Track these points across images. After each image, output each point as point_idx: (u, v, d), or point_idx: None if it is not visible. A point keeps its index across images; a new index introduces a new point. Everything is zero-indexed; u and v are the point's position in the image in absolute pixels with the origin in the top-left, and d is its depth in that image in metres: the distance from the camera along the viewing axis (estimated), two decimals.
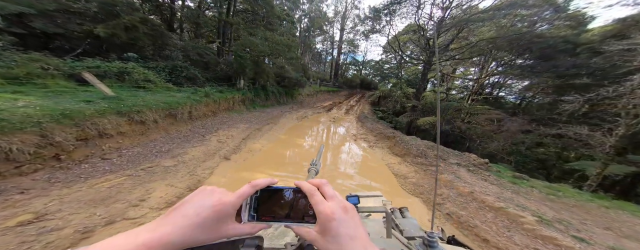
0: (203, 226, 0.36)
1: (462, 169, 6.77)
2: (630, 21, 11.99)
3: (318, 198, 0.40)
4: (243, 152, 7.97)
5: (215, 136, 8.39)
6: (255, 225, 0.41)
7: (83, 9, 9.44)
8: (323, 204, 0.38)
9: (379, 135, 12.74)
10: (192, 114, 8.57)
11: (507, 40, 13.63)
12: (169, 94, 8.38)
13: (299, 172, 7.11)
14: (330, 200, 0.40)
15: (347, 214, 0.38)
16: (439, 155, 7.83)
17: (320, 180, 0.44)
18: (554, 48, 12.73)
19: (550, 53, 12.81)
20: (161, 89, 8.84)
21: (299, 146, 10.16)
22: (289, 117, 15.71)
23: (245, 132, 9.92)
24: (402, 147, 9.39)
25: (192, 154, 6.47)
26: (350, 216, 0.38)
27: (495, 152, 9.74)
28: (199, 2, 18.52)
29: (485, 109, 12.73)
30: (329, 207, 0.38)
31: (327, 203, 0.39)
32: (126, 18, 9.14)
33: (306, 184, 0.43)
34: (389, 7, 17.06)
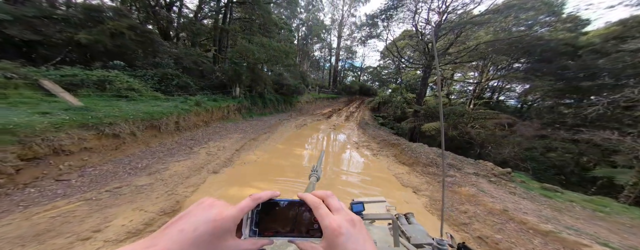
0: (200, 242, 0.33)
1: (482, 179, 5.85)
2: (632, 22, 11.50)
3: (323, 211, 0.37)
4: (235, 165, 7.06)
5: (205, 148, 7.49)
6: (257, 241, 0.38)
7: (66, 16, 8.81)
8: (329, 218, 0.36)
9: (383, 142, 11.84)
10: (180, 125, 7.70)
11: (507, 43, 13.10)
12: (154, 103, 7.56)
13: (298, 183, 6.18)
14: (336, 213, 0.37)
15: (354, 228, 0.35)
16: (452, 163, 6.93)
17: (325, 192, 0.41)
18: (554, 51, 12.20)
19: (551, 56, 12.27)
20: (147, 98, 8.02)
21: (298, 156, 9.23)
22: (287, 125, 14.86)
23: (239, 142, 9.03)
24: (409, 156, 8.48)
25: (175, 169, 5.56)
26: (358, 230, 0.36)
27: (508, 159, 8.85)
28: (195, 11, 18.19)
29: (494, 114, 11.97)
30: (336, 221, 0.35)
31: (334, 216, 0.36)
32: (110, 24, 8.47)
33: (310, 196, 0.40)
34: (385, 12, 16.70)
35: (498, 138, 9.24)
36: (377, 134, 14.08)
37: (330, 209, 0.38)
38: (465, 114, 13.42)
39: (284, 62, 15.70)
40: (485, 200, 4.68)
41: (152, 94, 8.43)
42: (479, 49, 13.51)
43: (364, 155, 9.99)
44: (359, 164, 8.95)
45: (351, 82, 37.05)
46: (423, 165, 7.32)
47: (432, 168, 6.93)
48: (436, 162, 7.16)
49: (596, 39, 12.52)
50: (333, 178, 7.08)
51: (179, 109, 7.73)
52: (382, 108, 24.85)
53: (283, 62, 15.37)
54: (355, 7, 31.52)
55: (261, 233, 0.39)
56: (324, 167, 8.91)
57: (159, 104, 7.49)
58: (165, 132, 6.95)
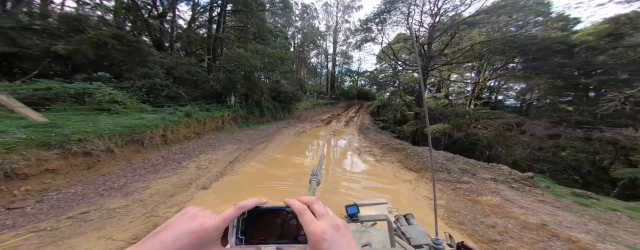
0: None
1: (502, 186, 5.19)
2: (624, 19, 11.28)
3: (308, 217, 0.36)
4: (228, 178, 6.37)
5: (195, 162, 6.80)
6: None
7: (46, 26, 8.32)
8: (313, 224, 0.35)
9: (385, 147, 11.18)
10: (167, 138, 7.04)
11: (501, 43, 12.79)
12: (139, 116, 6.92)
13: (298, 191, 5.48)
14: (320, 218, 0.37)
15: (338, 233, 0.35)
16: (465, 168, 6.28)
17: (310, 197, 0.40)
18: (549, 49, 11.90)
19: (546, 54, 11.96)
20: (132, 111, 7.40)
21: (297, 165, 8.52)
22: (285, 133, 14.21)
23: (234, 154, 8.35)
24: (415, 161, 7.81)
25: (157, 187, 4.86)
26: (342, 234, 0.35)
27: (519, 160, 8.20)
28: (189, 21, 17.91)
29: (500, 113, 11.44)
30: (319, 226, 0.35)
31: (318, 222, 0.36)
32: (91, 33, 7.96)
33: (296, 202, 0.39)
34: (379, 16, 16.49)
35: (507, 138, 8.61)
36: (379, 138, 13.44)
37: (315, 215, 0.37)
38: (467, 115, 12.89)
39: (280, 68, 15.26)
40: (515, 212, 4.00)
41: (138, 106, 7.80)
42: (475, 49, 13.17)
43: (366, 161, 9.31)
44: (362, 172, 8.25)
45: (349, 86, 36.77)
46: None
47: (443, 174, 6.26)
48: (447, 168, 6.50)
49: (589, 36, 12.29)
50: (334, 188, 6.39)
51: (166, 121, 7.09)
52: (382, 112, 24.33)
53: (279, 68, 14.92)
54: (348, 13, 31.80)
55: (248, 241, 0.38)
56: (325, 175, 8.16)
57: (144, 117, 6.85)
58: (150, 146, 6.28)
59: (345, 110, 27.54)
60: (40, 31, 7.96)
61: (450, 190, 5.46)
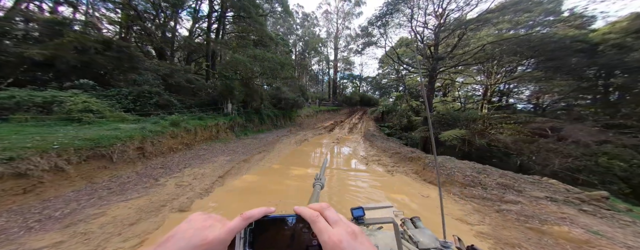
0: None
1: (568, 208, 3.91)
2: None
3: (321, 225, 0.34)
4: (214, 196, 5.27)
5: (176, 178, 5.71)
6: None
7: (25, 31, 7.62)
8: (328, 232, 0.33)
9: (396, 156, 9.94)
10: (146, 151, 6.01)
11: (515, 42, 11.72)
12: (114, 126, 5.95)
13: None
14: (335, 225, 0.34)
15: (356, 240, 0.32)
16: (505, 183, 5.01)
17: (322, 204, 0.38)
18: (569, 48, 10.76)
19: (565, 54, 10.81)
20: (109, 121, 6.44)
21: (298, 177, 7.33)
22: (286, 141, 13.11)
23: (225, 166, 7.25)
24: (435, 173, 6.56)
25: (116, 213, 3.75)
26: (360, 242, 0.32)
27: (557, 170, 6.88)
28: (190, 29, 17.50)
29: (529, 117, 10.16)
30: (335, 234, 0.32)
31: (333, 230, 0.33)
32: (71, 36, 7.19)
33: (307, 210, 0.36)
34: (380, 18, 15.74)
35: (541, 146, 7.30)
36: (387, 146, 12.20)
37: (328, 222, 0.35)
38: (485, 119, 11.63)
39: (280, 74, 14.42)
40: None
41: (118, 115, 6.86)
42: (486, 50, 12.12)
43: (375, 172, 8.06)
44: (372, 187, 6.99)
45: (351, 93, 35.86)
46: (461, 186, 5.39)
47: (477, 190, 4.99)
48: (481, 182, 5.24)
49: (612, 34, 11.17)
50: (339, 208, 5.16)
51: (146, 131, 6.09)
52: (387, 117, 23.16)
53: (279, 74, 14.08)
54: (349, 19, 31.49)
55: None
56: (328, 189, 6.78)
57: (120, 127, 5.87)
58: (122, 161, 5.24)
59: (348, 117, 26.44)
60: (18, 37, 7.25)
61: (494, 213, 4.18)
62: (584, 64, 9.98)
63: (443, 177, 6.03)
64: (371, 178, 7.44)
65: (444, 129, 11.17)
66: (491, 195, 4.64)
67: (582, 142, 6.84)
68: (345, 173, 7.84)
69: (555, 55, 10.98)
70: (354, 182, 7.16)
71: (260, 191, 6.09)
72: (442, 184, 5.89)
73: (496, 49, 11.90)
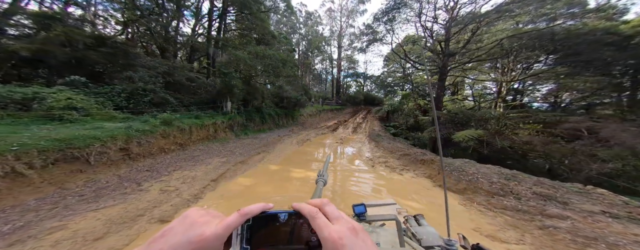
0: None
1: (637, 228, 3.10)
2: None
3: (321, 221, 0.33)
4: (203, 203, 4.70)
5: (163, 182, 5.12)
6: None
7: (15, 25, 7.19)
8: (328, 228, 0.31)
9: (404, 157, 9.15)
10: (132, 152, 5.45)
11: (536, 35, 10.68)
12: (97, 124, 5.41)
13: None
14: (335, 222, 0.33)
15: (357, 237, 0.31)
16: (544, 193, 4.20)
17: (322, 199, 0.37)
18: (598, 42, 9.66)
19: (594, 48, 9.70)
20: (94, 119, 5.92)
21: (298, 180, 6.66)
22: (287, 141, 12.48)
23: (220, 169, 6.65)
24: (456, 178, 5.77)
25: (81, 225, 3.17)
26: (361, 239, 0.31)
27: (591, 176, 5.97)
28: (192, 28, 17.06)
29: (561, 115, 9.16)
30: (336, 231, 0.31)
31: (333, 226, 0.32)
32: (58, 30, 6.70)
33: (306, 205, 0.35)
34: (387, 13, 14.89)
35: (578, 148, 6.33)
36: (394, 146, 11.41)
37: (328, 218, 0.34)
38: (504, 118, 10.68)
39: (282, 72, 13.80)
40: None
41: (105, 113, 6.32)
42: (503, 45, 11.14)
43: (382, 177, 7.31)
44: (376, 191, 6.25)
45: (355, 92, 34.98)
46: (487, 195, 4.60)
47: (509, 200, 4.19)
48: (512, 190, 4.43)
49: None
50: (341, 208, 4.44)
51: (132, 130, 5.52)
52: (392, 117, 22.27)
53: (281, 71, 13.45)
54: (353, 17, 30.63)
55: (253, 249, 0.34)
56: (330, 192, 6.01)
57: (103, 126, 5.32)
58: (101, 164, 4.67)
59: (352, 116, 25.64)
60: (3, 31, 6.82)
61: (536, 230, 3.38)
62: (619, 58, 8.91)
63: (464, 183, 5.25)
64: (378, 183, 6.70)
65: (458, 129, 10.29)
66: (528, 207, 3.84)
67: (627, 144, 5.90)
68: (348, 179, 7.11)
69: (581, 50, 9.94)
70: (357, 187, 6.43)
71: (256, 196, 5.47)
72: (463, 191, 5.11)
73: (514, 44, 10.91)
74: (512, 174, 5.20)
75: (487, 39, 12.99)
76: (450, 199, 5.34)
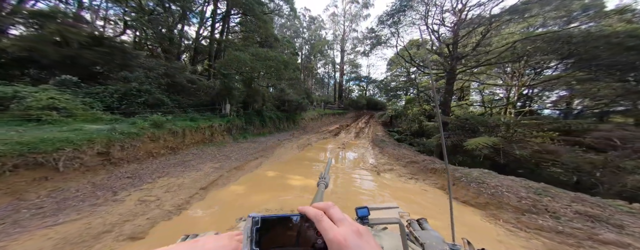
0: None
1: None
2: None
3: (326, 224, 0.33)
4: (187, 215, 4.11)
5: (144, 190, 4.53)
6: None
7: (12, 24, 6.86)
8: (333, 230, 0.32)
9: (412, 166, 8.43)
10: (113, 156, 4.90)
11: (551, 38, 10.01)
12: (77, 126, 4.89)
13: None
14: (340, 224, 0.33)
15: (361, 239, 0.31)
16: (590, 213, 3.46)
17: (327, 203, 0.37)
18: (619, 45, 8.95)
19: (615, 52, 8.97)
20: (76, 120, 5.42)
21: (296, 189, 6.00)
22: (287, 146, 11.87)
23: (211, 175, 6.05)
24: (475, 191, 5.05)
25: (20, 248, 2.58)
26: (365, 240, 0.32)
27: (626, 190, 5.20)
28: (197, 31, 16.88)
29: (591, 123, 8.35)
30: (340, 233, 0.31)
31: (338, 229, 0.32)
32: (51, 28, 6.32)
33: (311, 209, 0.36)
34: (392, 16, 14.42)
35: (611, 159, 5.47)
36: (400, 153, 10.70)
37: (333, 221, 0.34)
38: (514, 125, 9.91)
39: (283, 74, 13.33)
40: None
41: (90, 114, 5.82)
42: (516, 48, 10.48)
43: (388, 186, 6.59)
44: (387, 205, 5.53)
45: (358, 96, 34.41)
46: (516, 211, 3.89)
47: (544, 219, 3.46)
48: (548, 208, 3.70)
49: None
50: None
51: (116, 133, 4.99)
52: (396, 122, 21.55)
53: (282, 74, 12.98)
54: (356, 22, 30.37)
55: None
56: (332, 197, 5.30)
57: (83, 128, 4.79)
58: (73, 170, 4.12)
59: (354, 121, 24.97)
60: None
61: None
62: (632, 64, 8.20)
63: (486, 196, 4.53)
64: (382, 193, 5.98)
65: (468, 135, 9.54)
66: (572, 229, 3.12)
67: None
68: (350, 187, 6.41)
69: (599, 54, 9.21)
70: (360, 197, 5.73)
71: (249, 206, 4.83)
72: (485, 206, 4.38)
73: (528, 47, 10.24)
74: (542, 187, 4.46)
75: (497, 42, 12.35)
76: (471, 214, 4.62)
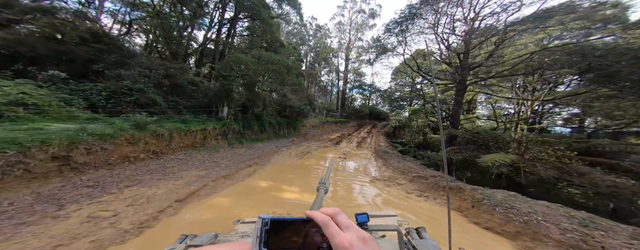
0: None
1: None
2: None
3: (333, 229, 0.34)
4: (149, 236, 3.24)
5: (101, 203, 3.70)
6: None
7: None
8: (340, 236, 0.33)
9: (419, 181, 7.45)
10: (76, 161, 4.13)
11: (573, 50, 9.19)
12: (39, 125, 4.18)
13: None
14: (346, 230, 0.34)
15: (366, 246, 0.32)
16: None
17: (334, 209, 0.38)
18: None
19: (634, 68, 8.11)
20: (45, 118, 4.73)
21: (288, 203, 5.07)
22: (286, 153, 11.02)
23: (193, 185, 5.21)
24: (499, 216, 4.09)
25: None
26: (370, 247, 0.33)
27: None
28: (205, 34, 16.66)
29: (627, 144, 7.38)
30: (347, 239, 0.32)
31: (345, 235, 0.33)
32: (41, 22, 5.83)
33: (318, 214, 0.37)
34: (400, 24, 13.88)
35: None
36: (405, 166, 9.72)
37: (339, 227, 0.35)
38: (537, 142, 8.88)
39: (286, 79, 12.72)
40: None
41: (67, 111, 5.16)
42: (533, 59, 9.67)
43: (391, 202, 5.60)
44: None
45: (361, 105, 33.63)
46: (559, 247, 2.95)
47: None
48: (605, 245, 2.75)
49: None
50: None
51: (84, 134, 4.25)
52: (399, 133, 20.57)
53: (285, 78, 12.36)
54: (362, 31, 30.17)
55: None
56: None
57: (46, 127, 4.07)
58: (14, 177, 3.34)
59: (356, 130, 24.05)
60: None
61: None
62: None
63: (516, 224, 3.56)
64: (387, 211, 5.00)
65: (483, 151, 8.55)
66: None
67: None
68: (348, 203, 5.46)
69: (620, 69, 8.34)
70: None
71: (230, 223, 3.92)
72: (515, 235, 3.43)
73: (546, 59, 9.43)
74: (588, 217, 3.50)
75: (510, 53, 11.58)
76: (499, 244, 3.65)
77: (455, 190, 5.58)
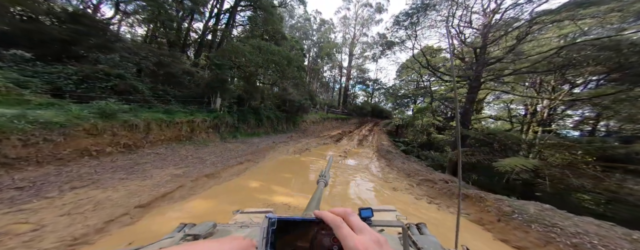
0: None
1: None
2: None
3: (345, 231, 0.31)
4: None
5: (24, 212, 2.75)
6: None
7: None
8: (353, 239, 0.30)
9: (427, 185, 6.43)
10: (7, 156, 3.16)
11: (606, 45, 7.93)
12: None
13: None
14: (359, 233, 0.32)
15: (382, 249, 0.30)
16: None
17: (345, 209, 0.36)
18: None
19: None
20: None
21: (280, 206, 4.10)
22: (282, 149, 10.06)
23: (165, 185, 4.26)
24: (536, 235, 3.11)
25: None
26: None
27: None
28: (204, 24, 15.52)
29: None
30: (361, 242, 0.30)
31: (358, 237, 0.31)
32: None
33: (329, 214, 0.34)
34: (410, 16, 12.60)
35: None
36: (410, 167, 8.70)
37: (352, 228, 0.32)
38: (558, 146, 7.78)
39: (286, 71, 11.63)
40: None
41: (16, 94, 4.16)
42: (560, 55, 8.44)
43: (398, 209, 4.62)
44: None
45: (363, 102, 32.39)
46: None
47: None
48: None
49: None
50: None
51: (22, 121, 3.27)
52: (402, 132, 19.49)
53: (285, 70, 11.27)
54: (367, 26, 28.63)
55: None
56: None
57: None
58: None
59: (357, 128, 22.97)
60: None
61: None
62: None
63: (562, 246, 2.62)
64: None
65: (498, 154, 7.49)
66: None
67: None
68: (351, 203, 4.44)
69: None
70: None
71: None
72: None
73: (575, 55, 8.22)
74: (635, 235, 2.49)
75: (530, 49, 10.31)
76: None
77: (474, 199, 4.57)
